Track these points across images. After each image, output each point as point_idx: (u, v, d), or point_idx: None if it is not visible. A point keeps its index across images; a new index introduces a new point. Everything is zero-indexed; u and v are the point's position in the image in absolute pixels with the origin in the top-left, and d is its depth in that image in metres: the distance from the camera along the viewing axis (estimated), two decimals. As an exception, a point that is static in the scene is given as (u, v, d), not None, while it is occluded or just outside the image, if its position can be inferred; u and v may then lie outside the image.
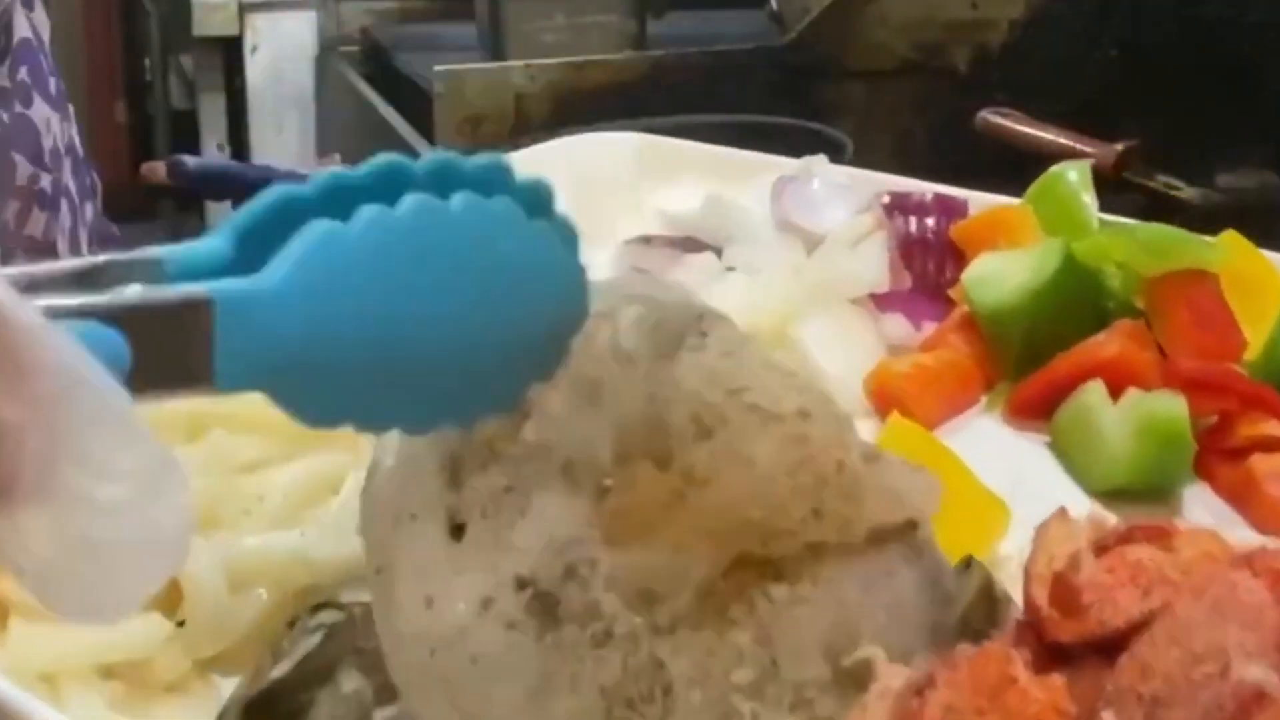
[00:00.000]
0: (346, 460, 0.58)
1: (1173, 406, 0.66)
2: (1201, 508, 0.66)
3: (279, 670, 0.51)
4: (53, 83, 1.02)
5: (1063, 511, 0.46)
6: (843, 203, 0.83)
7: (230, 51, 2.24)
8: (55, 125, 1.01)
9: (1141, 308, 0.74)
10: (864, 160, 1.38)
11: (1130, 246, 0.74)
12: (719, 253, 0.82)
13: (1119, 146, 1.31)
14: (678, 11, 1.69)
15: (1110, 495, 0.66)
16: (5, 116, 0.96)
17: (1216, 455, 0.68)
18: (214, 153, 2.30)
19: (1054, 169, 0.84)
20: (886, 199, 0.82)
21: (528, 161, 0.65)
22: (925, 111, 1.47)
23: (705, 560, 0.44)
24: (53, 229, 1.00)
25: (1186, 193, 1.26)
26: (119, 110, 4.26)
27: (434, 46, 1.86)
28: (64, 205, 1.02)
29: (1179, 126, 1.37)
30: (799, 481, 0.44)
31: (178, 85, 2.77)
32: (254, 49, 2.17)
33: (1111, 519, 0.45)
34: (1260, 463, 0.66)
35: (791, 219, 0.83)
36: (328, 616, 0.52)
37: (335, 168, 0.39)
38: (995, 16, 1.46)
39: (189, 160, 1.55)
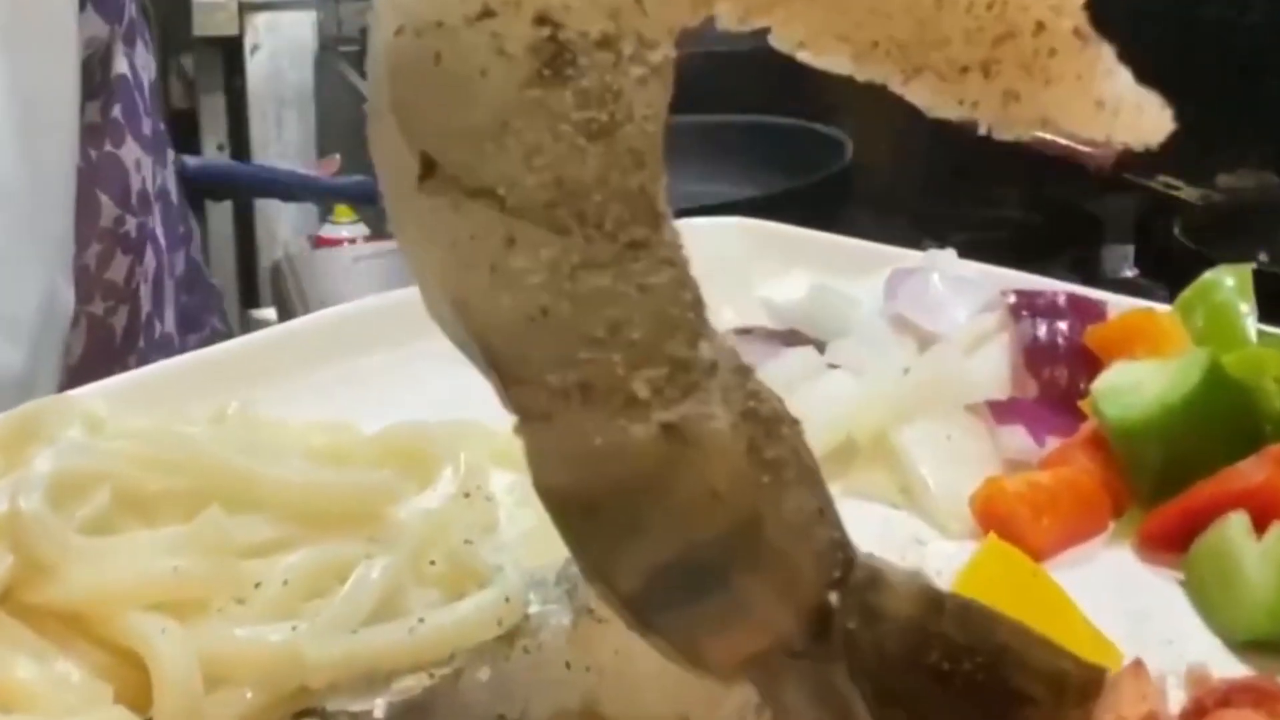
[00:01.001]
0: (358, 549, 0.52)
1: None
2: (1358, 669, 0.57)
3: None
4: (148, 124, 0.99)
5: (1137, 664, 0.40)
6: (965, 300, 0.75)
7: (230, 51, 2.24)
8: (147, 168, 0.98)
9: (1304, 432, 0.64)
10: (865, 160, 1.39)
11: (1292, 359, 0.64)
12: (821, 347, 0.75)
13: (1119, 146, 1.30)
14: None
15: (1251, 647, 0.56)
16: (93, 154, 0.93)
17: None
18: (214, 153, 2.30)
19: (1209, 275, 0.75)
20: (1013, 298, 0.73)
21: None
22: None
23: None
24: (135, 275, 0.96)
25: (1186, 193, 1.26)
26: (119, 109, 4.25)
27: (434, 46, 1.86)
28: (149, 251, 0.98)
29: (1179, 126, 1.37)
30: (981, 19, 0.37)
31: (178, 85, 2.76)
32: (254, 49, 2.17)
33: (1215, 676, 0.39)
34: None
35: (905, 315, 0.74)
36: None
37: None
38: (995, 16, 1.46)
39: (189, 160, 1.55)
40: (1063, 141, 1.35)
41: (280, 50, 2.17)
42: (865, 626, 0.38)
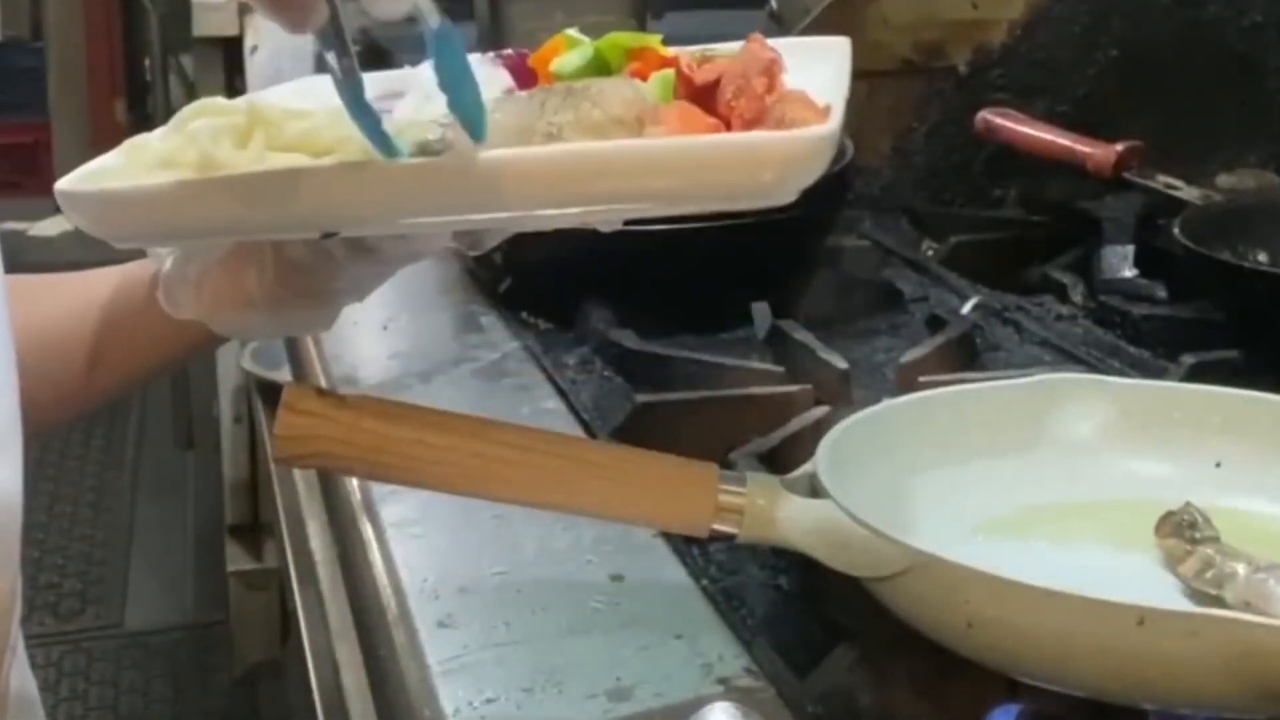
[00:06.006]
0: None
1: None
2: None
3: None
4: None
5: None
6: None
7: (230, 51, 2.24)
8: None
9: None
10: (865, 160, 1.39)
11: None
12: None
13: (1119, 146, 1.31)
14: (677, 11, 1.69)
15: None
16: None
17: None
18: (214, 152, 2.30)
19: None
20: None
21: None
22: (925, 111, 1.47)
23: None
24: None
25: (1186, 193, 1.26)
26: (119, 110, 4.26)
27: (434, 46, 1.86)
28: None
29: (1179, 126, 1.37)
30: None
31: (178, 85, 2.77)
32: (254, 49, 2.17)
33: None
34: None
35: None
36: None
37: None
38: (995, 16, 1.46)
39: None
40: (1063, 141, 1.35)
41: (280, 50, 2.17)
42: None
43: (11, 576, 0.73)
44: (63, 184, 0.69)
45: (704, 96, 0.73)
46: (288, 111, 0.75)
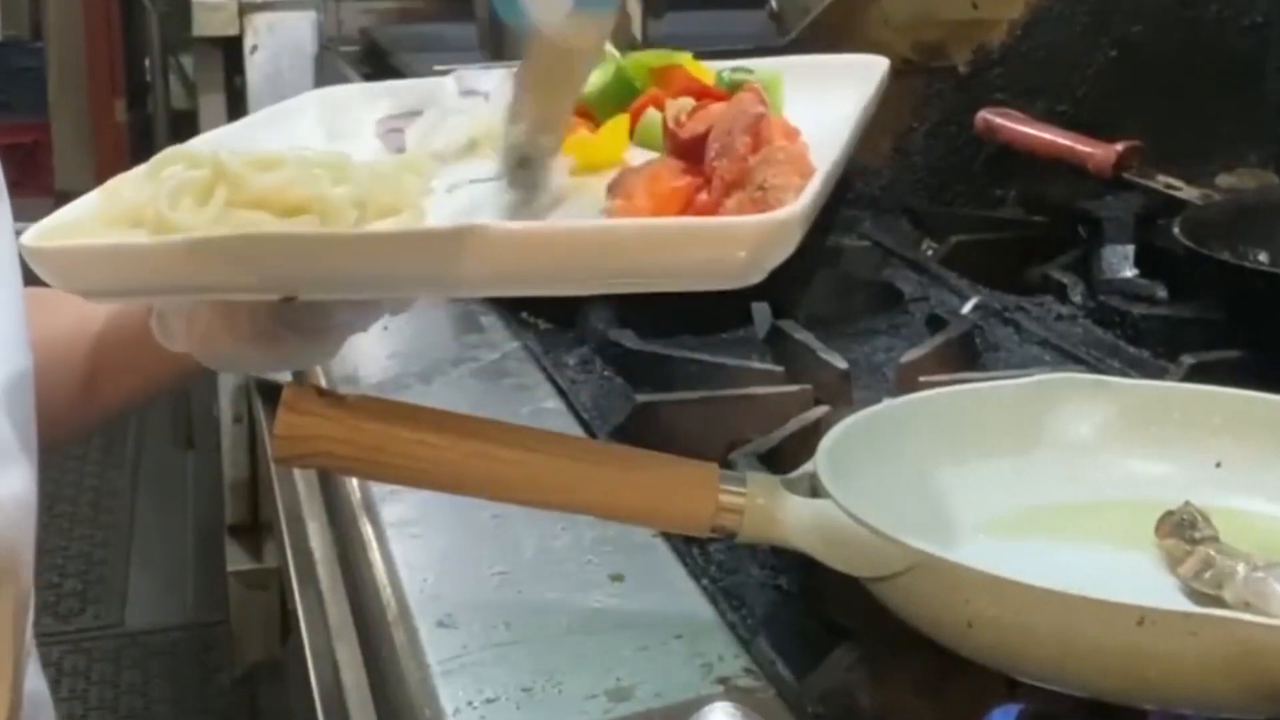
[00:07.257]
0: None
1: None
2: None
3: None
4: None
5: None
6: None
7: (230, 51, 2.24)
8: None
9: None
10: (865, 160, 1.39)
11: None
12: None
13: (1119, 146, 1.31)
14: (677, 11, 1.69)
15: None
16: None
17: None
18: (214, 153, 2.30)
19: None
20: None
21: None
22: (925, 111, 1.47)
23: None
24: None
25: (1186, 193, 1.26)
26: (119, 110, 4.25)
27: (434, 46, 1.87)
28: None
29: (1179, 126, 1.37)
30: None
31: (178, 85, 2.77)
32: (254, 49, 2.17)
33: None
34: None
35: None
36: None
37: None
38: (995, 16, 1.46)
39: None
40: (1063, 141, 1.35)
41: (280, 50, 2.17)
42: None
43: (28, 579, 0.73)
44: (26, 238, 0.69)
45: (691, 150, 0.73)
46: (255, 162, 0.72)
